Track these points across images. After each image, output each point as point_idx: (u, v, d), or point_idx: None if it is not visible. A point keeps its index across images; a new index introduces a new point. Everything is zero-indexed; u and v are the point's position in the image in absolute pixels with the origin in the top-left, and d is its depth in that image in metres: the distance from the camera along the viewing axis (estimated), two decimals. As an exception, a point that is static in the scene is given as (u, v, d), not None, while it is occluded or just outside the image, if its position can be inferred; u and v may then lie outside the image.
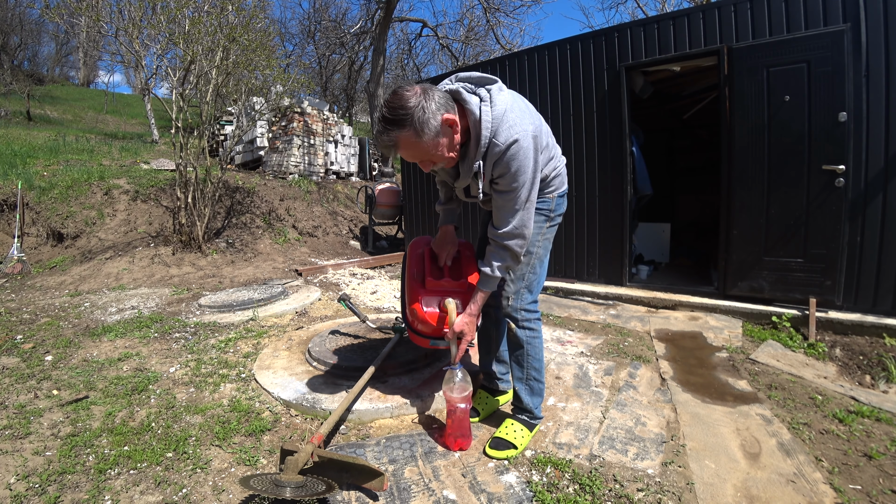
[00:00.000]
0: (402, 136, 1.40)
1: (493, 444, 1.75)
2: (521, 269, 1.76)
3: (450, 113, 1.42)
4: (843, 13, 3.04)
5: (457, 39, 14.59)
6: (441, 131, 1.41)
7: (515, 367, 1.84)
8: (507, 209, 1.53)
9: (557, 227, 1.83)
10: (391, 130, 1.40)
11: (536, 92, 4.62)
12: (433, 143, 1.42)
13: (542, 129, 1.58)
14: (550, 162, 1.70)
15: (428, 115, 1.37)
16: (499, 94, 1.48)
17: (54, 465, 1.67)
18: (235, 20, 5.44)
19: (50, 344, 2.94)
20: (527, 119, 1.47)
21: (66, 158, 7.74)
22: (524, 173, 1.45)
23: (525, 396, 1.83)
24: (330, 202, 8.49)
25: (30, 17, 19.66)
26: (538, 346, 1.81)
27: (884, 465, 1.69)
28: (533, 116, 1.55)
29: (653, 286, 4.11)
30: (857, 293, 3.13)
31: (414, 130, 1.38)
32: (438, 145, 1.43)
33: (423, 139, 1.39)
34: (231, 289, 4.44)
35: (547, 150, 1.65)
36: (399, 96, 1.38)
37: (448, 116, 1.41)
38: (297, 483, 1.38)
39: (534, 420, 1.85)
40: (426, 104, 1.37)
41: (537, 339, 1.81)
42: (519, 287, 1.77)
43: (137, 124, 15.20)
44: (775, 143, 3.28)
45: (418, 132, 1.38)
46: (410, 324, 1.89)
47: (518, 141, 1.41)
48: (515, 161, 1.43)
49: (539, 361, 1.81)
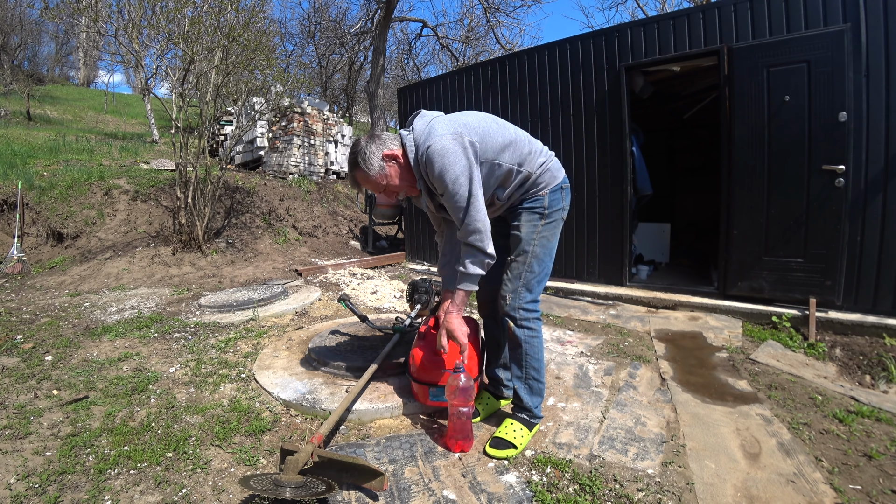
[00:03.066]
0: (357, 173, 1.68)
1: (493, 444, 1.76)
2: (518, 268, 1.76)
3: (392, 150, 1.65)
4: (843, 13, 3.04)
5: (457, 39, 14.58)
6: (385, 164, 1.65)
7: (514, 366, 1.84)
8: (454, 209, 1.61)
9: (561, 223, 1.83)
10: (350, 170, 1.71)
11: (536, 92, 4.62)
12: (381, 176, 1.66)
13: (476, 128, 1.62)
14: (530, 158, 1.73)
15: (369, 154, 1.63)
16: (419, 120, 1.67)
17: (54, 465, 1.67)
18: (235, 20, 5.44)
19: (50, 344, 2.94)
20: (444, 126, 1.58)
21: (66, 158, 7.74)
22: (449, 171, 1.54)
23: (525, 395, 1.83)
24: (330, 202, 8.49)
25: (30, 17, 19.66)
26: (537, 346, 1.81)
27: (884, 465, 1.69)
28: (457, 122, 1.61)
29: (653, 286, 4.11)
30: (857, 293, 3.13)
31: (362, 169, 1.65)
32: (387, 176, 1.66)
33: (371, 173, 1.65)
34: (231, 289, 4.44)
35: (513, 147, 1.69)
36: (354, 143, 1.69)
37: (388, 151, 1.64)
38: (297, 483, 1.38)
39: (533, 419, 1.85)
40: (366, 147, 1.64)
41: (536, 338, 1.80)
42: (517, 286, 1.77)
43: (137, 124, 15.20)
44: (775, 143, 3.28)
45: (365, 169, 1.64)
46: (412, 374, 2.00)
47: (430, 146, 1.55)
48: (436, 164, 1.54)
49: (538, 361, 1.81)
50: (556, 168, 1.81)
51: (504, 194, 1.74)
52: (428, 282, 2.82)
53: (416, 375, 1.97)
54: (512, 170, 1.69)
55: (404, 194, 1.77)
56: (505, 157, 1.67)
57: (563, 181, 1.82)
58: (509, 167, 1.68)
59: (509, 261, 1.80)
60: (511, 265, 1.79)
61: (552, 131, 4.52)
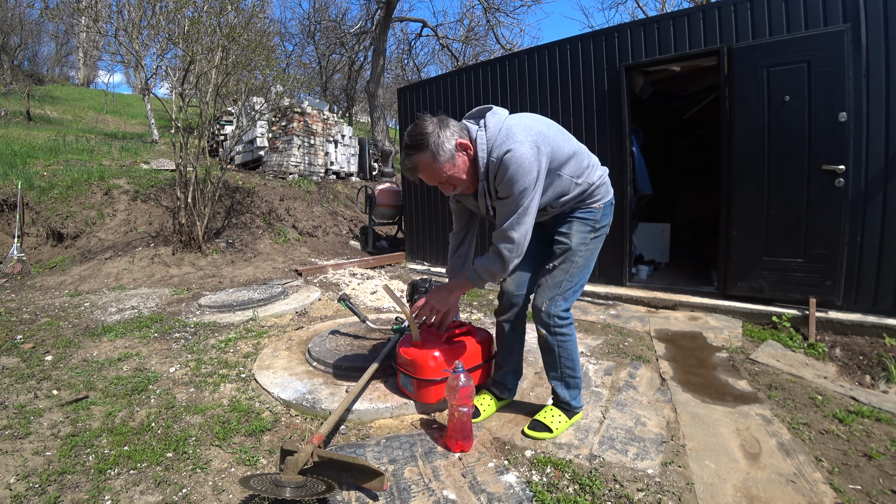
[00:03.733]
0: (421, 159, 1.57)
1: (531, 426, 1.85)
2: (559, 276, 1.77)
3: (463, 138, 1.58)
4: (843, 13, 3.04)
5: (457, 39, 14.57)
6: (455, 154, 1.57)
7: (549, 368, 1.88)
8: (504, 214, 1.60)
9: (604, 237, 1.85)
10: (412, 154, 1.58)
11: (536, 92, 4.62)
12: (449, 165, 1.57)
13: (550, 139, 1.61)
14: (588, 171, 1.74)
15: (443, 139, 1.54)
16: (492, 117, 1.60)
17: (54, 465, 1.67)
18: (235, 20, 5.44)
19: (50, 344, 2.94)
20: (522, 132, 1.54)
21: (66, 158, 7.74)
22: (521, 181, 1.51)
23: (561, 391, 1.88)
24: (330, 202, 8.49)
25: (30, 17, 19.65)
26: (570, 348, 1.83)
27: (884, 465, 1.69)
28: (533, 129, 1.58)
29: (653, 286, 4.11)
30: (857, 293, 3.13)
31: (431, 153, 1.55)
32: (454, 167, 1.58)
33: (440, 160, 1.55)
34: (231, 289, 4.44)
35: (574, 159, 1.69)
36: (418, 125, 1.58)
37: (461, 140, 1.57)
38: (297, 483, 1.38)
39: (572, 409, 1.91)
40: (440, 130, 1.55)
41: (569, 341, 1.83)
42: (554, 294, 1.77)
43: (137, 124, 15.19)
44: (775, 143, 3.28)
45: (435, 154, 1.55)
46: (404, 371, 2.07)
47: (511, 151, 1.50)
48: (509, 170, 1.51)
49: (572, 361, 1.84)
50: (608, 182, 1.83)
51: (559, 202, 1.75)
52: (428, 282, 2.82)
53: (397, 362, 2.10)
54: (571, 182, 1.70)
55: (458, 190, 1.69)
56: (566, 170, 1.67)
57: (612, 197, 1.85)
58: (569, 179, 1.69)
59: (551, 268, 1.80)
60: (552, 272, 1.79)
61: (552, 131, 4.51)
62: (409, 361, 2.02)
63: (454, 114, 5.39)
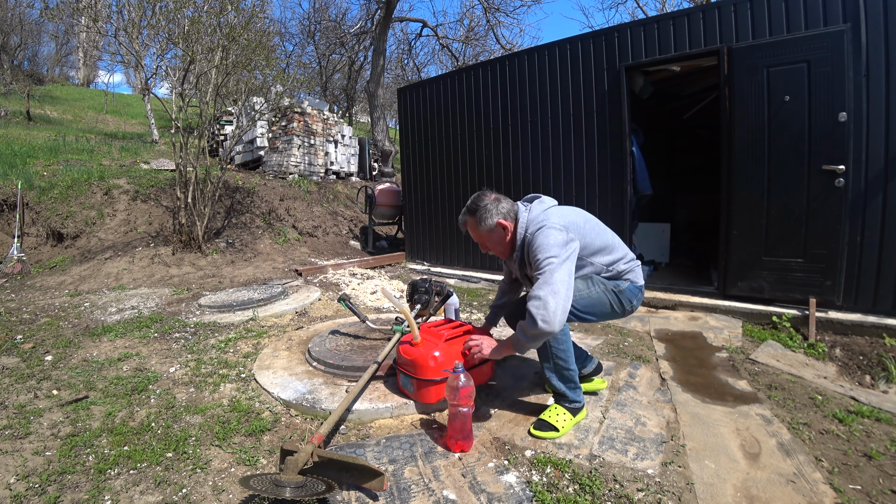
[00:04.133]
0: (469, 220, 1.98)
1: (537, 426, 1.89)
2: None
3: (506, 220, 1.92)
4: (843, 13, 3.04)
5: (457, 39, 14.57)
6: (494, 230, 1.93)
7: (542, 359, 1.92)
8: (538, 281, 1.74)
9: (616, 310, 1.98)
10: (465, 214, 1.99)
11: (536, 92, 4.62)
12: (486, 234, 1.95)
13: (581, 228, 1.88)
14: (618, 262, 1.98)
15: (488, 215, 1.91)
16: (538, 204, 1.95)
17: (54, 465, 1.67)
18: (235, 20, 5.44)
19: (50, 344, 2.94)
20: (557, 217, 1.84)
21: (66, 158, 7.73)
22: (545, 250, 1.74)
23: (555, 382, 1.91)
24: (330, 202, 8.49)
25: (30, 17, 19.63)
26: (561, 339, 1.85)
27: (884, 465, 1.69)
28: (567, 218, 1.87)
29: (653, 286, 4.11)
30: (857, 293, 3.13)
31: (476, 220, 1.95)
32: (490, 237, 1.96)
33: (480, 228, 1.95)
34: (231, 289, 4.44)
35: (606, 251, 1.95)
36: (480, 196, 1.96)
37: (501, 222, 1.91)
38: (297, 483, 1.38)
39: (574, 404, 1.93)
40: (491, 208, 1.91)
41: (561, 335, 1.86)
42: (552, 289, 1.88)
43: (137, 124, 15.19)
44: (775, 143, 3.28)
45: (478, 222, 1.94)
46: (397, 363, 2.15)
47: (542, 227, 1.80)
48: (536, 242, 1.78)
49: (564, 352, 1.87)
50: (640, 272, 2.05)
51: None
52: (428, 282, 2.82)
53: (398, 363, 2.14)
54: (603, 267, 1.96)
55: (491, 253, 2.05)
56: (597, 258, 1.94)
57: (642, 286, 2.05)
58: (600, 265, 1.95)
59: None
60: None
61: (552, 131, 4.52)
62: (409, 361, 2.02)
63: (454, 114, 5.41)
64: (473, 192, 5.30)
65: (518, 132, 4.81)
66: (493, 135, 5.04)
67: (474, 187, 5.27)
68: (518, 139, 4.82)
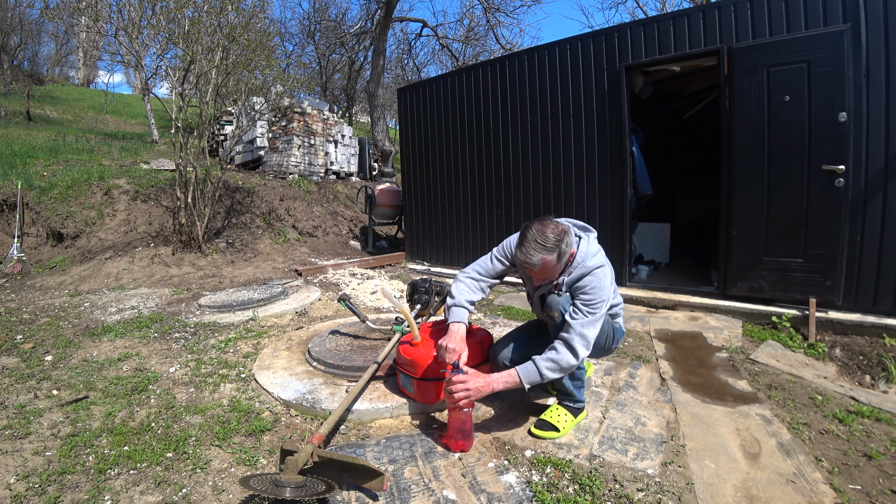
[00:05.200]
0: (547, 259, 1.73)
1: (538, 425, 1.89)
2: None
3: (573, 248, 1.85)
4: (843, 13, 3.04)
5: (457, 39, 14.57)
6: (566, 260, 1.81)
7: None
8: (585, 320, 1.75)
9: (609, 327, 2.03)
10: (540, 253, 1.72)
11: (536, 92, 4.62)
12: (559, 267, 1.80)
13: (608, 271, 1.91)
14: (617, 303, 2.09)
15: (565, 248, 1.76)
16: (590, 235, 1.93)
17: (54, 465, 1.67)
18: (235, 20, 5.44)
19: (50, 344, 2.94)
20: (603, 258, 1.88)
21: (66, 158, 7.73)
22: (603, 292, 1.78)
23: (565, 381, 1.90)
24: (330, 202, 8.49)
25: (30, 17, 19.62)
26: None
27: (884, 465, 1.69)
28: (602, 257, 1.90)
29: (653, 286, 4.11)
30: (857, 293, 3.13)
31: (557, 257, 1.75)
32: (560, 269, 1.83)
33: (559, 264, 1.78)
34: (231, 289, 4.44)
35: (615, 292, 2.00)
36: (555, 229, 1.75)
37: (573, 251, 1.85)
38: (297, 483, 1.38)
39: (577, 405, 1.94)
40: (568, 239, 1.78)
41: None
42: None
43: (137, 124, 15.19)
44: (775, 143, 3.28)
45: (558, 258, 1.76)
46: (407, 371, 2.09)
47: (603, 267, 1.83)
48: (596, 279, 1.79)
49: None
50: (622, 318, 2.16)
51: None
52: (428, 282, 2.82)
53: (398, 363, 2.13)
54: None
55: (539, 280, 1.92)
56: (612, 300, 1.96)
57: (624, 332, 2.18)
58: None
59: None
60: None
61: (552, 131, 4.52)
62: (409, 361, 2.02)
63: (454, 114, 5.40)
64: (473, 191, 5.39)
65: (518, 132, 4.81)
66: (493, 135, 5.04)
67: (474, 187, 5.27)
68: (518, 139, 4.82)
